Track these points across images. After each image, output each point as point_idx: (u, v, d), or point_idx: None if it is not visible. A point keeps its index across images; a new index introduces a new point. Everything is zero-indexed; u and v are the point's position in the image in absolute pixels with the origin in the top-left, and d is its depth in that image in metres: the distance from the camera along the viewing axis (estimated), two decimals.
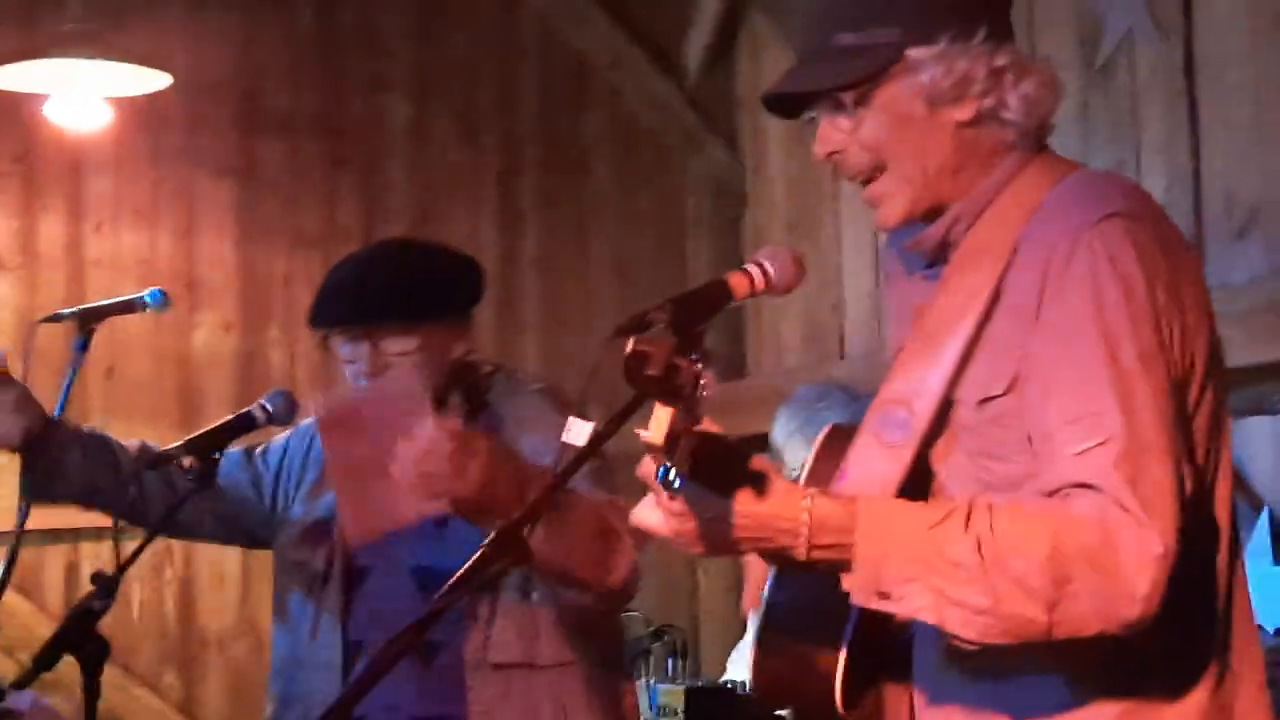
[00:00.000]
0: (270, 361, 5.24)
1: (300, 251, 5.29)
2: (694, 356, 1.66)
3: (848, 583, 1.78)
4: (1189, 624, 1.82)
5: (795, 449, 3.87)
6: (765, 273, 1.92)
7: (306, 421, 3.07)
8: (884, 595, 1.75)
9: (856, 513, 1.76)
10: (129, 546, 2.63)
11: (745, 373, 5.74)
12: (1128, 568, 1.67)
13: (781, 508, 1.76)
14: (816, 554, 1.76)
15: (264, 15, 5.30)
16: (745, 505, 1.75)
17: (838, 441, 2.04)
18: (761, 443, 4.03)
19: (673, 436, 1.63)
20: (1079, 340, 1.76)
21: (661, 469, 1.64)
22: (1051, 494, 1.74)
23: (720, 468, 1.74)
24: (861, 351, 5.17)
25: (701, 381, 1.66)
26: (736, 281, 1.90)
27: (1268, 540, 3.52)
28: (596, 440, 1.79)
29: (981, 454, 1.86)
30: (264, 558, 5.02)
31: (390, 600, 2.83)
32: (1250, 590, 1.92)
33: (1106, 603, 1.68)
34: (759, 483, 1.76)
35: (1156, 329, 1.77)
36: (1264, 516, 3.55)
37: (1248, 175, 3.77)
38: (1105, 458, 1.70)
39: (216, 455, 2.68)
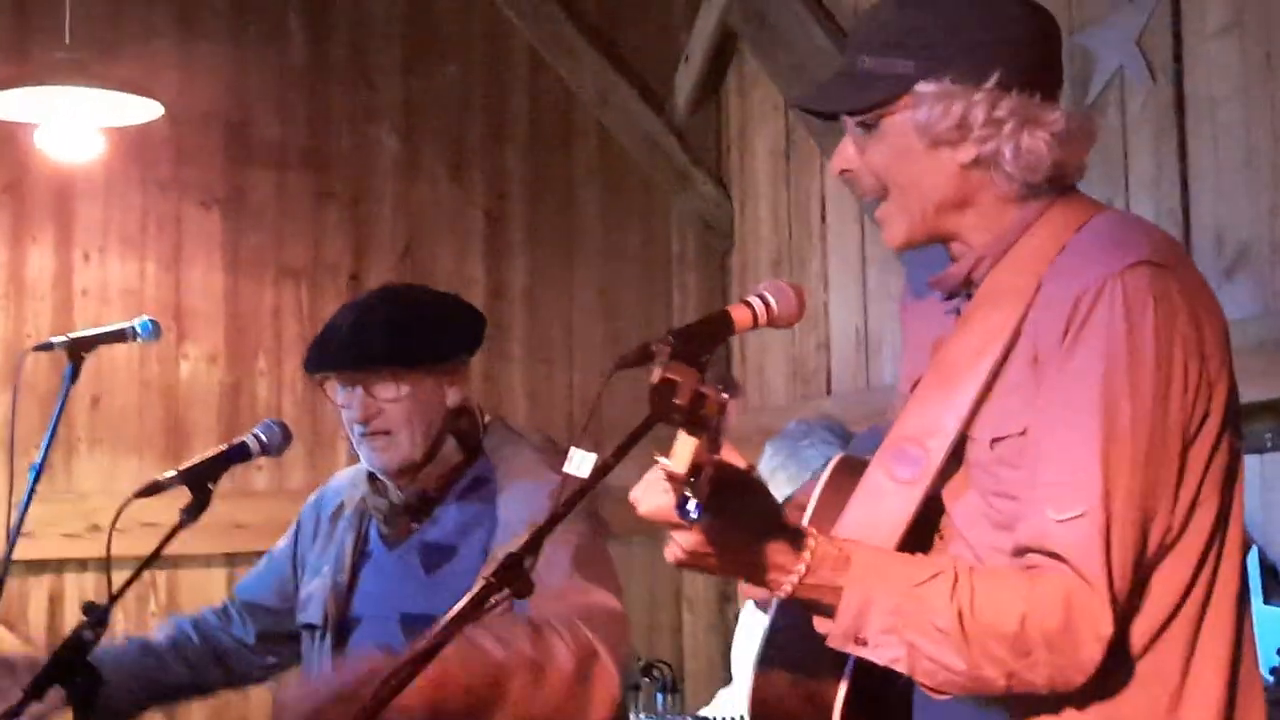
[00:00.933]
0: (256, 393, 5.23)
1: (287, 283, 5.30)
2: (720, 385, 1.66)
3: (824, 625, 1.81)
4: (1198, 666, 1.84)
5: (778, 485, 3.89)
6: (768, 305, 1.93)
7: (309, 501, 3.12)
8: (861, 641, 1.79)
9: (850, 559, 1.78)
10: (118, 578, 2.61)
11: None
12: (1083, 647, 1.75)
13: (787, 544, 1.77)
14: (803, 592, 1.78)
15: (254, 47, 5.31)
16: (754, 537, 1.77)
17: (846, 474, 2.05)
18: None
19: (696, 467, 1.63)
20: (1081, 401, 1.79)
21: (681, 499, 1.65)
22: (1025, 550, 1.79)
23: (733, 498, 1.74)
24: (848, 389, 5.17)
25: (727, 411, 1.66)
26: (739, 313, 1.91)
27: (1258, 579, 3.52)
28: (598, 472, 1.78)
29: (993, 493, 1.88)
30: None
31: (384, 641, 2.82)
32: None
33: (1059, 673, 1.77)
34: (769, 516, 1.78)
35: (1160, 391, 1.79)
36: (1253, 555, 3.55)
37: (1237, 214, 3.78)
38: (1081, 531, 1.75)
39: (211, 485, 2.67)
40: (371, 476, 2.95)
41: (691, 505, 1.64)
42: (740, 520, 1.75)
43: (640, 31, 5.80)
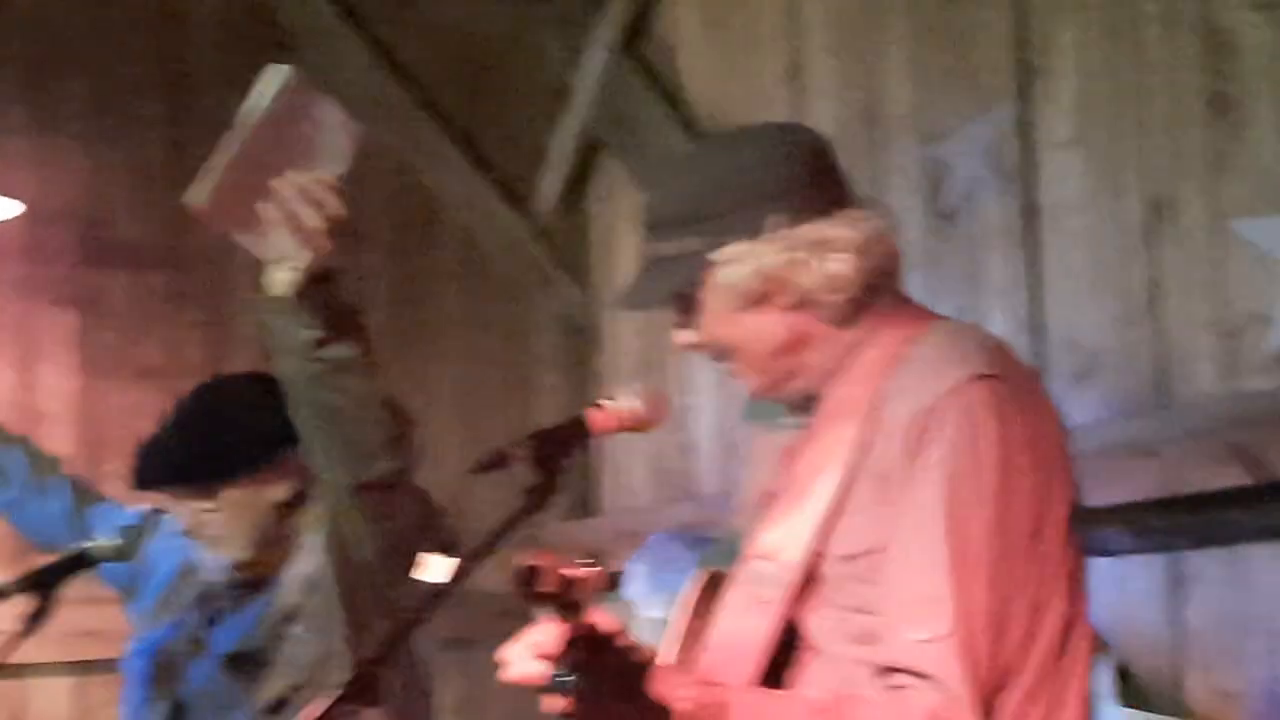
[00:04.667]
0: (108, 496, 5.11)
1: (143, 384, 5.19)
2: (589, 560, 1.68)
3: None
4: None
5: (647, 604, 4.03)
6: (626, 410, 1.94)
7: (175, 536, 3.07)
8: None
9: (729, 705, 1.81)
10: None
11: (596, 512, 5.72)
12: None
13: (663, 698, 1.78)
14: None
15: (112, 145, 5.23)
16: (629, 695, 1.78)
17: (711, 590, 2.06)
18: (612, 581, 4.03)
19: (567, 648, 1.67)
20: (929, 519, 1.82)
21: (554, 675, 1.69)
22: (889, 670, 1.82)
23: (606, 661, 1.76)
24: (712, 492, 5.17)
25: (595, 586, 1.68)
26: (596, 418, 1.94)
27: (1112, 681, 3.55)
28: (457, 577, 1.77)
29: (847, 607, 1.89)
30: (100, 696, 4.92)
31: (210, 687, 2.89)
32: None
33: None
34: (641, 672, 1.79)
35: (1005, 501, 1.82)
36: (1108, 658, 3.59)
37: (1087, 321, 3.86)
38: (944, 651, 1.78)
39: (55, 593, 2.60)
40: None
41: (566, 680, 1.69)
42: (612, 680, 1.77)
43: (504, 132, 5.80)
